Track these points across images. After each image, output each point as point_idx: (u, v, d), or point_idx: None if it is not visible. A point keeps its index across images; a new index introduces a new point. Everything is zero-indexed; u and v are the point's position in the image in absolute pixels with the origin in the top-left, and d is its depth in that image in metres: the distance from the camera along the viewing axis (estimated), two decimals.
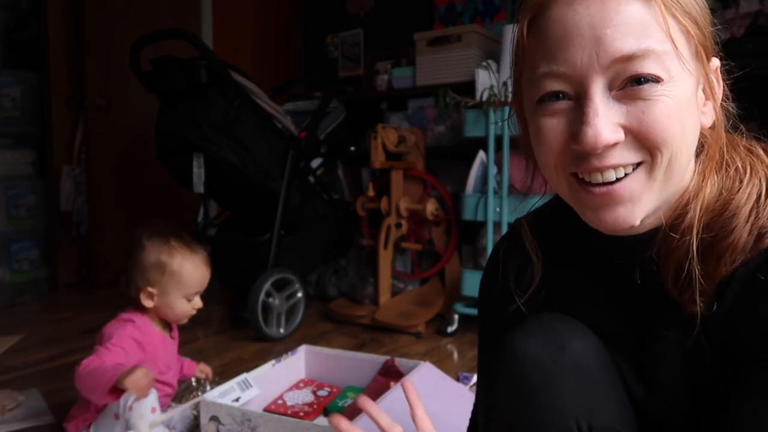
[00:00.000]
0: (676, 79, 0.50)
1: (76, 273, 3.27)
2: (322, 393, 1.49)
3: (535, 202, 0.75)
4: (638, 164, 0.52)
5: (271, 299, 2.18)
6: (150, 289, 1.29)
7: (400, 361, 1.48)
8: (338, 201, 2.68)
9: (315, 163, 2.59)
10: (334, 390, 1.51)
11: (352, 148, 2.94)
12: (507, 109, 2.13)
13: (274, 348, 2.09)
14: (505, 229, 2.16)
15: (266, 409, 1.40)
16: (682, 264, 0.54)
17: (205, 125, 2.13)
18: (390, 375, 1.47)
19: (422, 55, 2.78)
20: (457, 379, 1.66)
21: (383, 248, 2.44)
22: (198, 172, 2.21)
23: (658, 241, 0.56)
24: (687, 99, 0.51)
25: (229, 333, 2.28)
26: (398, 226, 2.50)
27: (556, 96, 0.53)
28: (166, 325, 1.39)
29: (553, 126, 0.53)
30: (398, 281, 2.62)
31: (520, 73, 0.58)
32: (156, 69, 2.21)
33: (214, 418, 1.21)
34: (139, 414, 1.16)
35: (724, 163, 0.57)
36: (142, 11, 3.25)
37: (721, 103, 0.58)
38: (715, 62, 0.56)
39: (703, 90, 0.55)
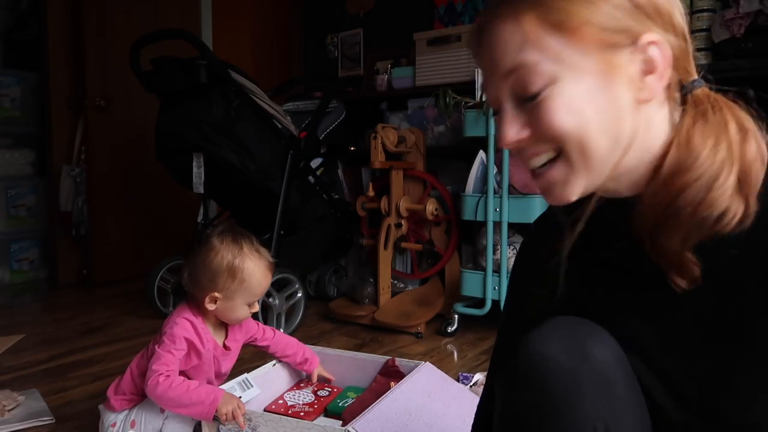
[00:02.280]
0: (563, 78, 0.56)
1: (76, 273, 3.27)
2: (323, 393, 1.49)
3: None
4: (555, 154, 0.60)
5: (271, 299, 2.18)
6: (216, 294, 1.26)
7: (400, 361, 1.48)
8: (338, 201, 2.68)
9: (315, 163, 2.59)
10: (335, 390, 1.51)
11: (352, 148, 2.94)
12: None
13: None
14: (505, 229, 2.16)
15: (266, 409, 1.40)
16: (651, 235, 0.58)
17: (205, 125, 2.13)
18: (390, 375, 1.47)
19: (422, 55, 2.78)
20: (457, 379, 1.66)
21: (383, 248, 2.44)
22: (198, 172, 2.21)
23: (636, 214, 0.59)
24: (584, 91, 0.57)
25: None
26: (398, 226, 2.50)
27: (496, 111, 0.64)
28: (220, 332, 1.36)
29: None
30: (398, 281, 2.62)
31: None
32: (156, 69, 2.21)
33: (214, 418, 1.21)
34: (181, 419, 1.20)
35: (691, 132, 0.58)
36: (142, 11, 3.25)
37: (678, 73, 0.60)
38: (648, 37, 0.57)
39: (647, 68, 0.58)
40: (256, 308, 1.33)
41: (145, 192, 3.33)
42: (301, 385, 1.54)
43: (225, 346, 1.34)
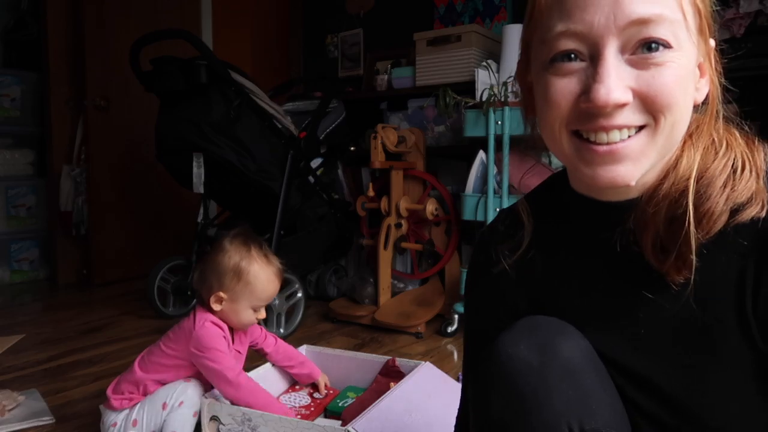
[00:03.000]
0: (683, 49, 0.53)
1: (76, 273, 3.27)
2: (319, 396, 1.49)
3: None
4: (641, 127, 0.54)
5: None
6: (222, 294, 1.28)
7: (400, 362, 1.48)
8: (338, 201, 2.68)
9: (315, 163, 2.59)
10: (332, 392, 1.51)
11: (352, 148, 2.94)
12: (507, 109, 2.13)
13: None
14: None
15: None
16: (659, 232, 0.56)
17: (205, 125, 2.13)
18: (391, 375, 1.47)
19: (422, 55, 2.78)
20: (457, 379, 1.66)
21: (383, 248, 2.44)
22: (198, 172, 2.21)
23: (636, 211, 0.58)
24: (690, 69, 0.54)
25: None
26: (398, 226, 2.50)
27: (569, 56, 0.54)
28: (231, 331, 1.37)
29: (565, 84, 0.55)
30: (398, 281, 2.62)
31: (531, 33, 0.59)
32: (156, 69, 2.21)
33: (214, 418, 1.21)
34: (184, 413, 1.22)
35: (704, 137, 0.59)
36: (142, 11, 3.25)
37: (717, 81, 0.60)
38: (712, 42, 0.57)
39: (699, 66, 0.57)
40: (263, 315, 1.34)
41: (145, 192, 3.33)
42: (297, 387, 1.53)
43: (236, 350, 1.36)
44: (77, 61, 3.12)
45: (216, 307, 1.28)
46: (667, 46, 0.52)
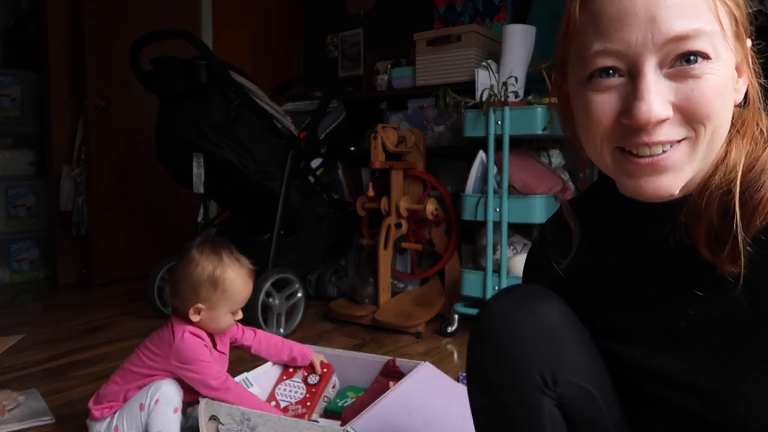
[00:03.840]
0: (721, 58, 0.53)
1: (76, 273, 3.27)
2: (313, 380, 1.48)
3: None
4: (683, 138, 0.55)
5: (271, 299, 2.18)
6: (200, 305, 1.27)
7: (400, 362, 1.48)
8: (338, 201, 2.68)
9: (315, 163, 2.59)
10: (325, 371, 1.49)
11: (352, 148, 2.94)
12: (507, 109, 2.13)
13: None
14: (505, 229, 2.16)
15: None
16: (713, 224, 0.56)
17: (205, 125, 2.13)
18: (391, 375, 1.47)
19: (422, 55, 2.78)
20: (457, 379, 1.66)
21: (383, 248, 2.44)
22: (198, 172, 2.21)
23: (688, 205, 0.58)
24: (729, 76, 0.55)
25: None
26: (398, 226, 2.50)
27: (608, 72, 0.55)
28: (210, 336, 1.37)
29: (604, 101, 0.56)
30: (398, 281, 2.62)
31: (567, 48, 0.60)
32: (156, 69, 2.21)
33: (213, 418, 1.21)
34: (162, 410, 1.21)
35: (749, 131, 0.59)
36: (142, 11, 3.25)
37: (755, 80, 0.61)
38: (749, 42, 0.59)
39: (736, 67, 0.57)
40: (240, 315, 1.33)
41: (145, 192, 3.33)
42: (290, 370, 1.51)
43: (219, 351, 1.35)
44: (77, 61, 3.12)
45: (194, 318, 1.27)
46: (705, 57, 0.52)
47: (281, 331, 2.21)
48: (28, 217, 3.35)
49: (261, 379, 1.41)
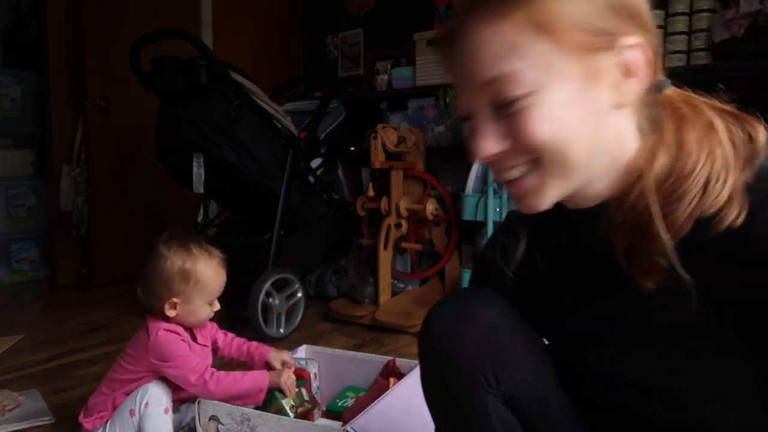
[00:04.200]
0: (546, 86, 0.54)
1: (76, 273, 3.27)
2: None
3: None
4: (526, 165, 0.58)
5: (271, 299, 2.18)
6: (174, 299, 1.26)
7: (400, 362, 1.48)
8: (338, 201, 2.68)
9: (315, 163, 2.59)
10: (299, 370, 1.44)
11: (352, 148, 2.94)
12: None
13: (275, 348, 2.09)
14: None
15: None
16: (627, 239, 0.57)
17: (205, 125, 2.13)
18: (391, 376, 1.47)
19: (422, 55, 2.77)
20: None
21: (383, 248, 2.44)
22: (198, 172, 2.21)
23: (606, 215, 0.59)
24: (566, 99, 0.55)
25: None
26: (398, 226, 2.50)
27: (466, 118, 0.61)
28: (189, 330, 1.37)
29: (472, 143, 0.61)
30: (398, 281, 2.62)
31: None
32: (156, 69, 2.21)
33: (213, 418, 1.21)
34: (153, 413, 1.21)
35: (681, 136, 0.57)
36: (142, 11, 3.25)
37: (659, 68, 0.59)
38: (629, 39, 0.55)
39: (625, 69, 0.56)
40: (217, 306, 1.33)
41: (145, 192, 3.33)
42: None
43: (201, 344, 1.35)
44: (77, 61, 3.12)
45: (171, 313, 1.27)
46: (518, 97, 0.54)
47: (281, 331, 2.21)
48: (28, 217, 3.35)
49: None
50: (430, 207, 2.44)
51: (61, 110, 3.18)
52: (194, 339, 1.34)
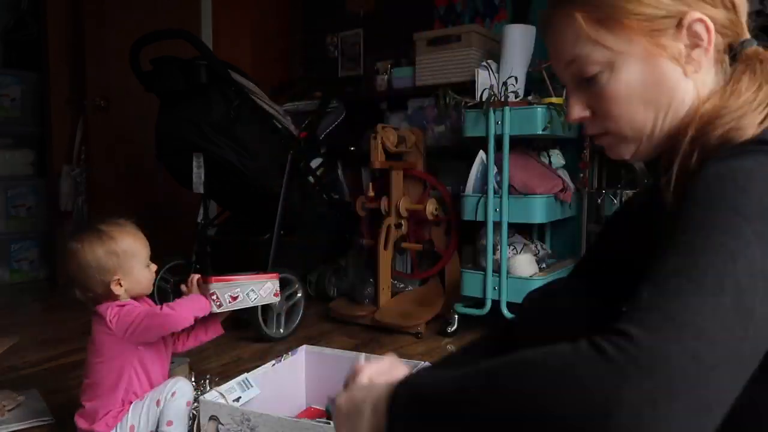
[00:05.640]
0: (615, 65, 0.64)
1: None
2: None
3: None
4: (604, 132, 0.69)
5: None
6: (116, 277, 1.28)
7: None
8: (338, 201, 2.68)
9: (315, 163, 2.59)
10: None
11: (352, 148, 2.94)
12: (507, 109, 2.13)
13: (274, 348, 2.09)
14: (505, 229, 2.16)
15: None
16: (670, 163, 0.64)
17: (205, 125, 2.13)
18: None
19: (422, 55, 2.77)
20: None
21: (383, 248, 2.44)
22: (198, 172, 2.21)
23: (665, 152, 0.67)
24: (636, 73, 0.64)
25: (229, 333, 2.27)
26: (398, 226, 2.50)
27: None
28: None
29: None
30: (398, 281, 2.62)
31: None
32: (156, 69, 2.21)
33: (213, 418, 1.21)
34: (177, 403, 1.26)
35: (738, 83, 0.62)
36: (142, 11, 3.25)
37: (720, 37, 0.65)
38: (691, 16, 0.62)
39: (692, 39, 0.63)
40: (154, 267, 1.37)
41: (145, 192, 3.33)
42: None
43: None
44: (77, 61, 3.12)
45: (119, 290, 1.29)
46: (596, 74, 0.65)
47: (281, 331, 2.21)
48: (28, 217, 3.36)
49: (261, 381, 1.41)
50: (430, 207, 2.44)
51: (61, 110, 3.18)
52: None
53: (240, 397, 1.29)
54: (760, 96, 0.60)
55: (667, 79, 0.64)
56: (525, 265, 2.22)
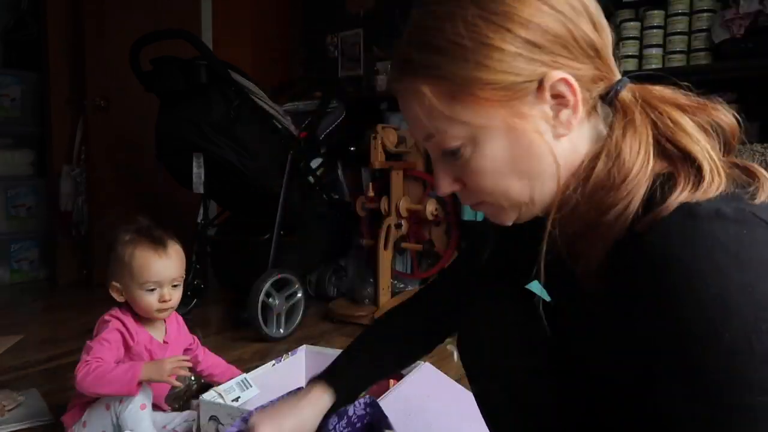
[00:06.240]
0: (477, 138, 0.58)
1: (76, 273, 3.27)
2: None
3: None
4: (481, 201, 0.64)
5: (270, 299, 2.17)
6: (114, 282, 1.29)
7: None
8: (338, 201, 2.68)
9: (315, 163, 2.59)
10: None
11: (352, 148, 2.94)
12: None
13: (274, 348, 2.09)
14: None
15: None
16: (569, 243, 0.59)
17: (205, 125, 2.13)
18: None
19: None
20: (457, 380, 1.65)
21: (383, 248, 2.44)
22: (198, 172, 2.21)
23: (552, 220, 0.60)
24: (500, 145, 0.58)
25: (229, 333, 2.28)
26: (398, 226, 2.50)
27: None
28: (160, 327, 1.38)
29: None
30: (398, 281, 2.62)
31: None
32: (156, 69, 2.21)
33: (213, 418, 1.21)
34: (129, 409, 1.20)
35: (621, 143, 0.57)
36: (142, 11, 3.25)
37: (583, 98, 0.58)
38: (552, 76, 0.56)
39: (556, 101, 0.57)
40: (166, 296, 1.29)
41: (145, 192, 3.33)
42: None
43: (164, 342, 1.37)
44: (77, 61, 3.12)
45: (116, 296, 1.30)
46: (455, 150, 0.59)
47: (281, 331, 2.21)
48: (28, 217, 3.35)
49: (260, 381, 1.41)
50: (430, 207, 2.44)
51: (61, 110, 3.17)
52: (165, 336, 1.36)
53: (239, 397, 1.29)
54: (649, 167, 0.55)
55: (536, 147, 0.58)
56: None
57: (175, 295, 1.33)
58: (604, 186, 0.55)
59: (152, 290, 1.28)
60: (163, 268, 1.29)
